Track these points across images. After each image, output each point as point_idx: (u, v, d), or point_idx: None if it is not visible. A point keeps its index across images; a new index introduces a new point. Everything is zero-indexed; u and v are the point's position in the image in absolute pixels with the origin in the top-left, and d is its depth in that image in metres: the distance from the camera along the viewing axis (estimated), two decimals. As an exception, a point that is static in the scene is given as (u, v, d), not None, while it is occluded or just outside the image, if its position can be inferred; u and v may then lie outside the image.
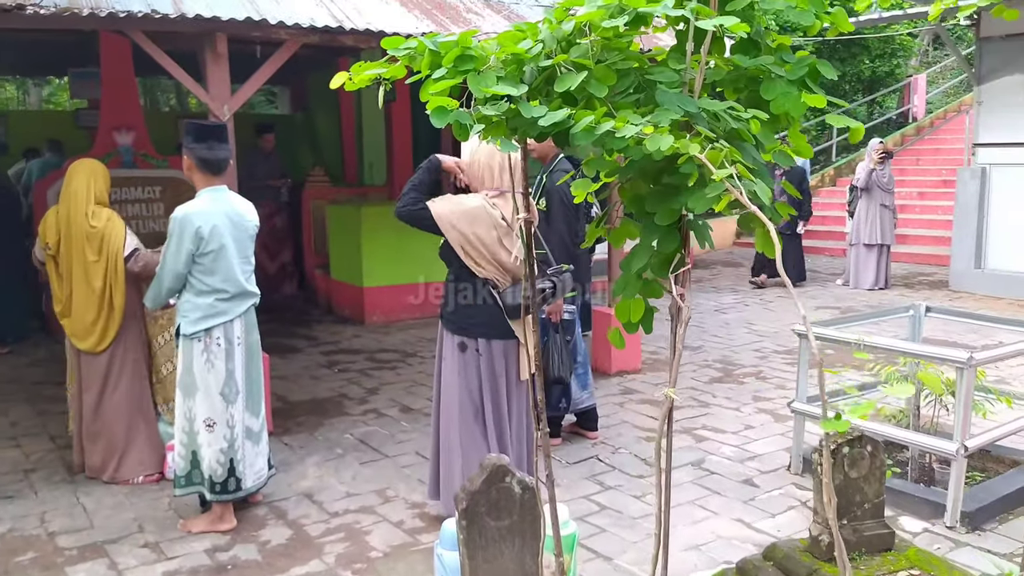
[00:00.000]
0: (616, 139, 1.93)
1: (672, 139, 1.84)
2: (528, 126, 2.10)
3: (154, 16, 5.30)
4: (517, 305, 4.11)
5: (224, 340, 4.50)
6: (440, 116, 2.03)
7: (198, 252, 4.39)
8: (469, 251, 4.17)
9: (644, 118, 1.97)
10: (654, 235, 2.16)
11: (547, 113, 2.05)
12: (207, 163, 4.49)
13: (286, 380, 7.37)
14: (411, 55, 2.31)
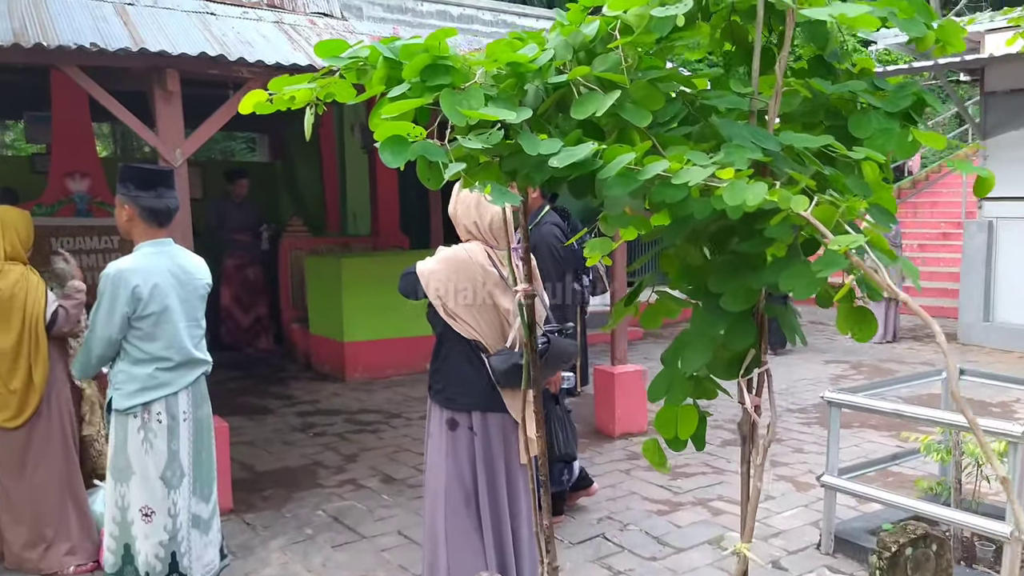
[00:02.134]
0: (670, 188, 1.22)
1: (764, 188, 1.13)
2: (533, 168, 1.41)
3: (90, 50, 4.61)
4: (507, 370, 3.35)
5: (166, 416, 3.79)
6: (396, 150, 1.33)
7: (135, 315, 3.70)
8: (447, 302, 3.45)
9: (712, 159, 1.26)
10: (719, 324, 1.46)
11: (562, 149, 1.35)
12: (154, 213, 3.80)
13: (254, 446, 6.59)
14: (359, 66, 1.61)
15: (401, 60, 1.55)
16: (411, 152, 1.32)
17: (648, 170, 1.24)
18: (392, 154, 1.31)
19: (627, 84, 1.45)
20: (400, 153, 1.31)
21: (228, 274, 10.15)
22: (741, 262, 1.42)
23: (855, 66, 1.81)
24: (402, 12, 8.19)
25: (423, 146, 1.33)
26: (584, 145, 1.34)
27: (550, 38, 1.68)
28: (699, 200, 1.23)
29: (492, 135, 1.36)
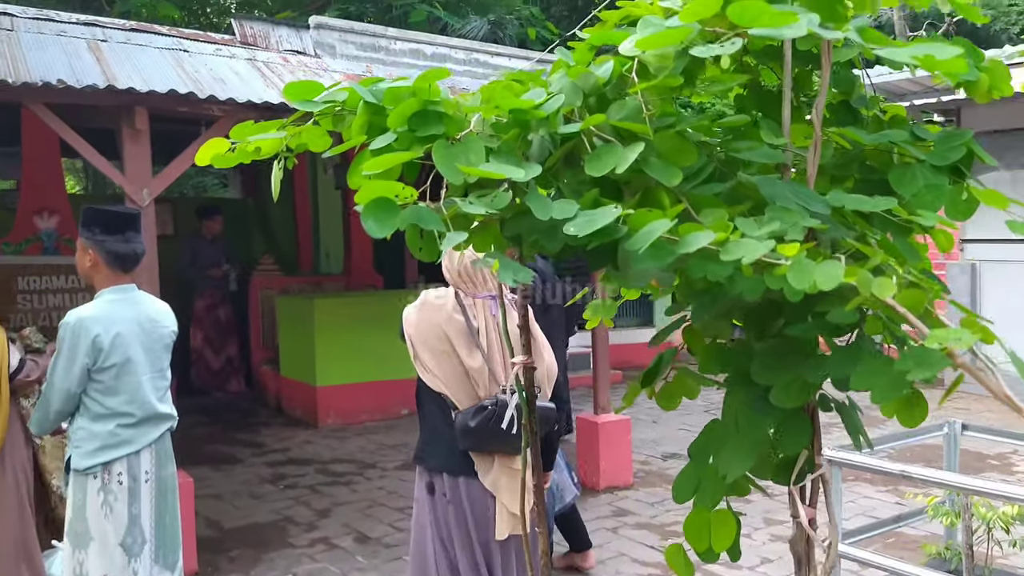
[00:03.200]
0: (715, 264, 1.02)
1: (840, 268, 0.94)
2: (543, 234, 1.20)
3: (57, 87, 4.41)
4: (464, 430, 3.00)
5: (127, 477, 3.52)
6: (382, 217, 1.12)
7: (96, 367, 3.44)
8: (416, 349, 3.16)
9: (762, 227, 1.06)
10: (766, 421, 1.24)
11: (579, 213, 1.15)
12: (120, 258, 3.56)
13: (221, 500, 6.26)
14: (335, 111, 1.41)
15: (385, 105, 1.34)
16: (401, 219, 1.10)
17: (688, 242, 1.03)
18: (377, 222, 1.09)
19: (650, 135, 1.25)
20: (387, 220, 1.10)
21: (199, 314, 9.85)
22: (791, 348, 1.21)
23: (884, 113, 1.63)
24: (375, 50, 8.10)
25: (415, 212, 1.11)
26: (606, 209, 1.14)
27: (553, 80, 1.48)
28: (751, 279, 1.03)
29: (499, 197, 1.16)
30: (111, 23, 6.48)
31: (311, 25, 7.97)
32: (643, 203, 1.27)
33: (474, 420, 2.98)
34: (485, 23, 13.07)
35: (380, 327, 8.89)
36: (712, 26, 1.17)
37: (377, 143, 1.25)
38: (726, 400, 1.36)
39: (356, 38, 8.07)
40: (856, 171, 1.52)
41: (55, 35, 5.60)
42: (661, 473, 6.91)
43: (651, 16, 1.29)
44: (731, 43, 1.12)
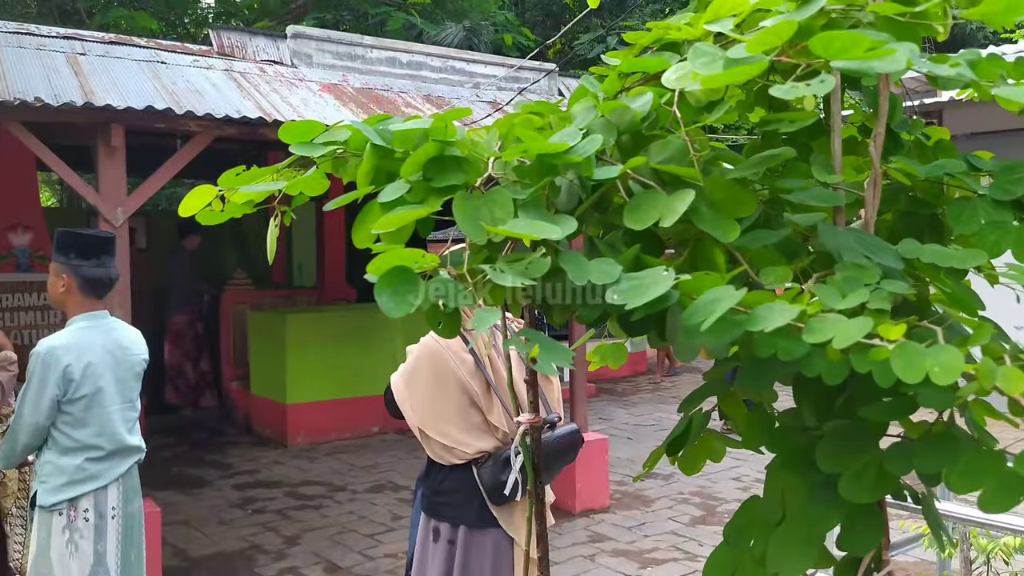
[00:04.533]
0: (794, 343, 0.88)
1: (959, 358, 0.79)
2: (582, 304, 1.04)
3: (34, 105, 4.24)
4: (502, 485, 2.83)
5: (93, 513, 3.35)
6: (401, 291, 0.97)
7: (66, 398, 3.28)
8: (429, 431, 2.93)
9: (844, 296, 0.92)
10: (831, 516, 1.09)
11: (622, 277, 1.00)
12: (94, 284, 3.41)
13: (188, 526, 6.02)
14: (338, 155, 1.25)
15: (394, 148, 1.19)
16: (424, 295, 0.94)
17: (762, 319, 0.88)
18: (395, 299, 0.93)
19: (700, 180, 1.11)
20: (406, 296, 0.93)
21: (177, 330, 9.64)
22: (863, 432, 1.07)
23: (928, 138, 1.49)
24: (351, 59, 8.01)
25: (441, 287, 0.95)
26: (655, 273, 0.99)
27: (578, 114, 1.34)
28: (835, 363, 0.89)
29: (535, 264, 0.99)
30: (90, 36, 6.35)
31: (288, 34, 7.84)
32: (692, 260, 1.12)
33: (501, 476, 2.82)
34: (460, 30, 12.97)
35: (352, 342, 8.73)
36: (782, 55, 1.03)
37: (388, 194, 1.09)
38: (770, 479, 1.21)
39: (333, 47, 7.97)
40: (904, 204, 1.38)
41: (35, 49, 5.52)
42: (638, 494, 6.78)
43: (703, 44, 1.15)
44: (821, 81, 0.97)
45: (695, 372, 12.62)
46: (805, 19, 1.02)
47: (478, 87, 8.66)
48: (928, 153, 1.48)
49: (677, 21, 1.43)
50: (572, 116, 1.35)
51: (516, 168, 1.18)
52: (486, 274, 0.99)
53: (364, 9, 12.91)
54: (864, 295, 0.91)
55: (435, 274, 0.99)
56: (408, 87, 8.09)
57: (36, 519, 3.30)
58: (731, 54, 1.04)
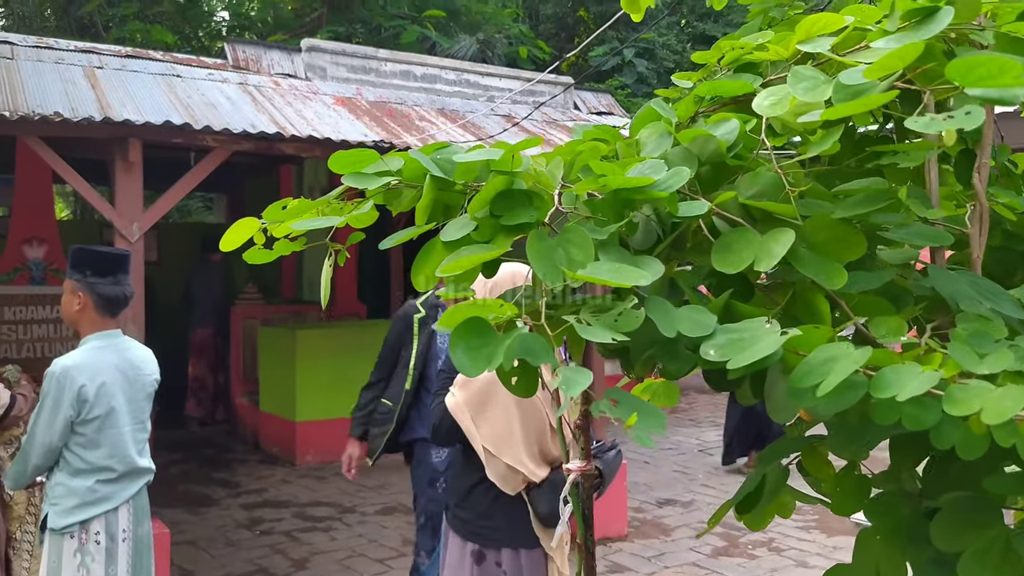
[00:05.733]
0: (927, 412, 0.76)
1: None
2: (662, 351, 0.93)
3: (53, 120, 4.18)
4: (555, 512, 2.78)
5: (104, 536, 3.27)
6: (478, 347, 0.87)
7: (79, 419, 3.21)
8: (504, 456, 2.85)
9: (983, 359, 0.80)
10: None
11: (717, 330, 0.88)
12: (110, 302, 3.34)
13: (195, 547, 5.90)
14: (392, 187, 1.13)
15: (455, 180, 1.08)
16: (506, 354, 0.83)
17: (890, 383, 0.77)
18: (471, 357, 0.82)
19: (797, 217, 1.00)
20: (482, 352, 0.82)
21: (203, 343, 9.59)
22: (984, 504, 0.95)
23: (1015, 165, 1.38)
24: (365, 72, 7.96)
25: (523, 343, 0.83)
26: (756, 326, 0.88)
27: (648, 141, 1.23)
28: (976, 437, 0.77)
29: (626, 317, 0.88)
30: (107, 49, 6.35)
31: (303, 48, 7.80)
32: (789, 308, 1.00)
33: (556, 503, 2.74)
34: (474, 43, 12.90)
35: (363, 359, 8.59)
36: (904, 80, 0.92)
37: (452, 232, 0.98)
38: (863, 549, 1.09)
39: (347, 60, 7.93)
40: (998, 239, 1.26)
41: (53, 63, 5.54)
42: (657, 522, 6.62)
43: (803, 68, 1.04)
44: (967, 114, 0.86)
45: (710, 393, 12.45)
46: (928, 40, 0.91)
47: (493, 100, 8.58)
48: (1017, 181, 1.37)
49: (753, 40, 1.32)
50: (641, 143, 1.24)
51: (588, 202, 1.07)
52: (567, 325, 0.88)
53: (378, 22, 12.87)
54: (1007, 359, 0.80)
55: (511, 326, 0.88)
56: (422, 100, 8.02)
57: (47, 542, 3.23)
58: (847, 79, 0.93)
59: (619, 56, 14.89)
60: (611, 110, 10.08)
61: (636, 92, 15.23)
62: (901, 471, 1.09)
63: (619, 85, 14.83)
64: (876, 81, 0.93)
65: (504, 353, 0.83)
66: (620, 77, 15.31)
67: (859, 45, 1.14)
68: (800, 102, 1.02)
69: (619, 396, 0.91)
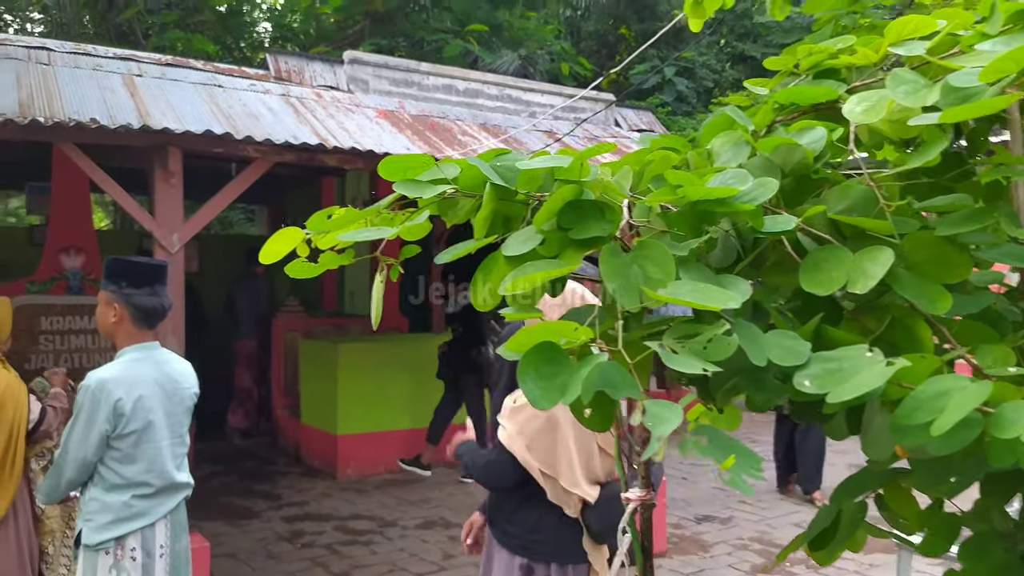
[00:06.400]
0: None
1: None
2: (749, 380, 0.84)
3: (89, 127, 4.16)
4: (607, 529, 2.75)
5: (141, 552, 3.19)
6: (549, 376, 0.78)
7: (115, 433, 3.13)
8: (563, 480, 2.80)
9: None
10: None
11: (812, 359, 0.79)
12: (147, 313, 3.26)
13: (236, 559, 5.86)
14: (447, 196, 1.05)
15: (517, 189, 1.00)
16: (585, 385, 0.74)
17: (1013, 422, 0.68)
18: (542, 387, 0.73)
19: (895, 235, 0.90)
20: (555, 381, 0.73)
21: (249, 355, 9.65)
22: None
23: None
24: (408, 86, 7.95)
25: (603, 374, 0.75)
26: (854, 355, 0.79)
27: (721, 150, 1.14)
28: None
29: (719, 345, 0.79)
30: (147, 57, 6.34)
31: (345, 60, 7.81)
32: (886, 335, 0.91)
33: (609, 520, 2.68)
34: (516, 58, 12.88)
35: (405, 372, 8.57)
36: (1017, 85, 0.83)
37: (516, 246, 0.90)
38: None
39: (389, 73, 7.92)
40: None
41: (91, 69, 5.50)
42: (696, 538, 6.49)
43: (903, 71, 0.95)
44: None
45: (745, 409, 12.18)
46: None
47: (534, 116, 8.52)
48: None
49: (832, 45, 1.23)
50: (714, 153, 1.15)
51: (662, 215, 0.98)
52: (648, 352, 0.79)
53: (420, 36, 12.89)
54: None
55: (586, 351, 0.79)
56: (464, 115, 7.99)
57: (81, 559, 3.16)
58: (957, 82, 0.84)
59: (659, 74, 14.78)
60: (652, 127, 9.99)
61: (676, 110, 15.13)
62: (992, 510, 0.99)
63: (659, 103, 14.74)
64: (986, 86, 0.84)
65: (582, 384, 0.74)
66: (660, 95, 15.22)
67: (953, 50, 1.05)
68: (898, 107, 0.93)
69: (710, 434, 0.82)
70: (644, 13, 15.96)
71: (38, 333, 7.18)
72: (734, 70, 16.65)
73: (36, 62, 5.50)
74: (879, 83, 1.10)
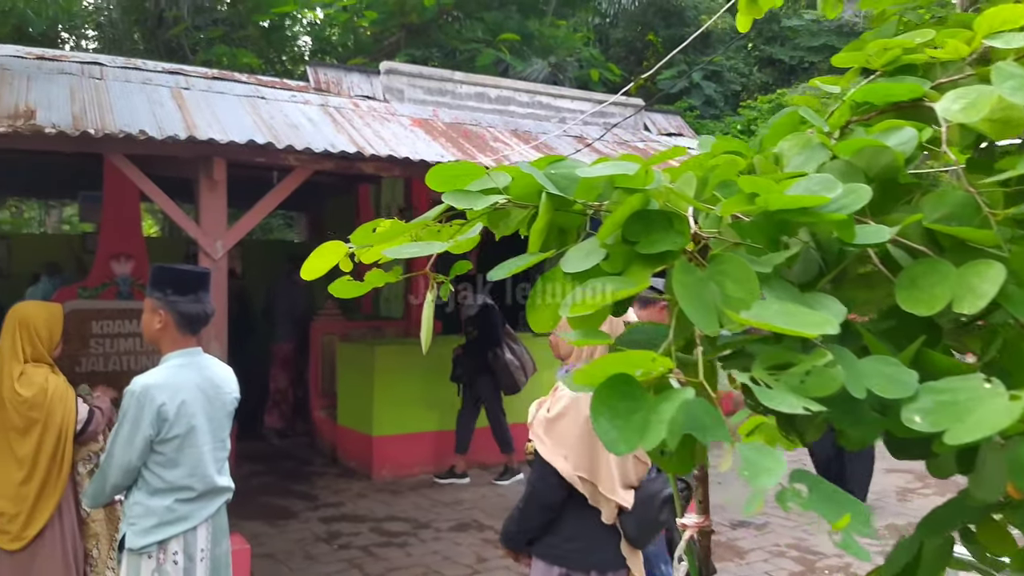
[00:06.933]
0: None
1: None
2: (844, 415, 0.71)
3: (138, 138, 4.13)
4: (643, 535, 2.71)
5: (183, 556, 3.14)
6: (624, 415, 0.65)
7: (159, 438, 3.08)
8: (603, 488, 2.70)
9: None
10: None
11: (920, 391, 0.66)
12: (191, 320, 3.22)
13: (274, 560, 5.79)
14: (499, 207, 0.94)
15: (576, 199, 0.89)
16: (671, 428, 0.62)
17: None
18: (618, 429, 0.60)
19: (1002, 247, 0.78)
20: (631, 420, 0.61)
21: (285, 357, 9.60)
22: None
23: None
24: (441, 94, 7.90)
25: (688, 413, 0.62)
26: (969, 385, 0.66)
27: (793, 152, 1.02)
28: None
29: (820, 378, 0.67)
30: (194, 71, 6.36)
31: (381, 70, 7.78)
32: (999, 361, 0.79)
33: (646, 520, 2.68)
34: (545, 66, 12.79)
35: (439, 375, 8.48)
36: None
37: (577, 262, 0.79)
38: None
39: (424, 82, 7.88)
40: None
41: (141, 83, 5.54)
42: (731, 545, 6.30)
43: (1005, 65, 0.82)
44: None
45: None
46: None
47: (564, 122, 8.41)
48: None
49: (909, 39, 1.11)
50: (783, 157, 1.03)
51: (735, 225, 0.86)
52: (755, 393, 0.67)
53: (453, 46, 12.84)
54: None
55: (664, 382, 0.67)
56: (496, 122, 7.90)
57: (124, 562, 3.11)
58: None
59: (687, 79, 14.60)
60: (681, 131, 9.84)
61: (704, 114, 14.95)
62: None
63: (687, 107, 14.57)
64: None
65: (667, 427, 0.62)
66: (688, 99, 15.04)
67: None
68: (1001, 104, 0.81)
69: (810, 482, 0.69)
70: (671, 19, 15.79)
71: (89, 337, 7.19)
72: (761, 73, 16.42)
73: (89, 76, 5.54)
74: (968, 79, 0.97)
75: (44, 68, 5.53)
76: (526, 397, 8.20)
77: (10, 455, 3.64)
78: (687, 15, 15.61)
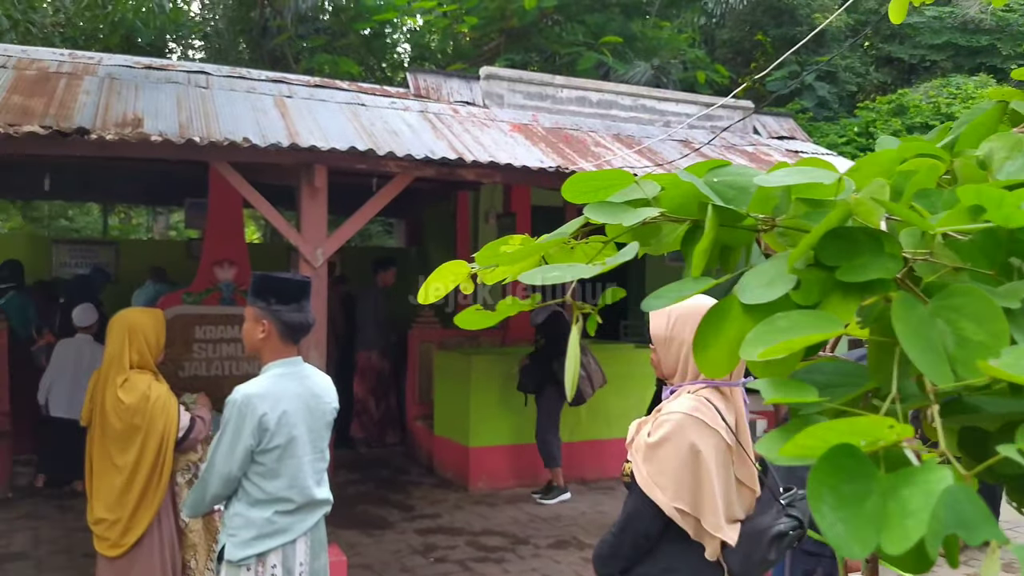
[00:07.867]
0: None
1: None
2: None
3: (242, 145, 4.16)
4: (748, 571, 2.48)
5: (281, 569, 3.12)
6: (849, 493, 0.48)
7: (260, 448, 3.07)
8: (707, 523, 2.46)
9: None
10: None
11: None
12: (293, 329, 3.20)
13: (371, 571, 5.77)
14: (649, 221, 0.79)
15: (750, 213, 0.74)
16: (933, 527, 0.46)
17: None
18: (845, 520, 0.46)
19: None
20: (867, 507, 0.46)
21: (368, 366, 9.61)
22: None
23: None
24: (541, 99, 7.80)
25: (951, 504, 0.46)
26: None
27: (1000, 155, 0.85)
28: None
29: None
30: (296, 79, 6.46)
31: (481, 76, 7.74)
32: None
33: (772, 551, 2.47)
34: (648, 68, 12.53)
35: (540, 388, 8.38)
36: None
37: (756, 291, 0.64)
38: None
39: (524, 87, 7.80)
40: None
41: (245, 92, 5.63)
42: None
43: None
44: None
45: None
46: None
47: (669, 126, 8.19)
48: None
49: None
50: (990, 160, 0.86)
51: (950, 245, 0.71)
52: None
53: (554, 50, 12.74)
54: None
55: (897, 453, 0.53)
56: (597, 126, 7.75)
57: (223, 574, 3.11)
58: None
59: (798, 80, 14.10)
60: (793, 134, 9.46)
61: (817, 116, 14.40)
62: None
63: (799, 109, 14.06)
64: None
65: (928, 524, 0.46)
66: (800, 100, 14.52)
67: None
68: None
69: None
70: (782, 18, 15.30)
71: (192, 341, 7.37)
72: (879, 73, 15.74)
73: (195, 85, 5.67)
74: None
75: (152, 77, 5.67)
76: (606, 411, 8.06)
77: (111, 462, 3.70)
78: (799, 14, 15.08)
